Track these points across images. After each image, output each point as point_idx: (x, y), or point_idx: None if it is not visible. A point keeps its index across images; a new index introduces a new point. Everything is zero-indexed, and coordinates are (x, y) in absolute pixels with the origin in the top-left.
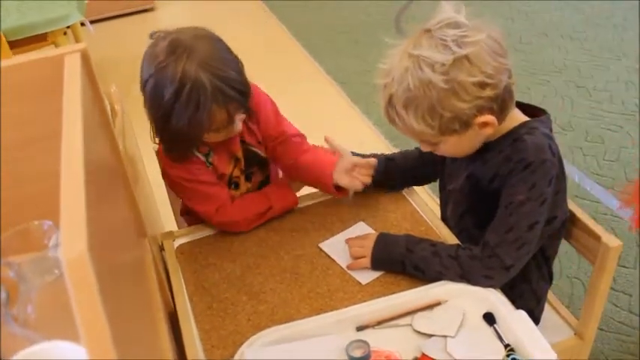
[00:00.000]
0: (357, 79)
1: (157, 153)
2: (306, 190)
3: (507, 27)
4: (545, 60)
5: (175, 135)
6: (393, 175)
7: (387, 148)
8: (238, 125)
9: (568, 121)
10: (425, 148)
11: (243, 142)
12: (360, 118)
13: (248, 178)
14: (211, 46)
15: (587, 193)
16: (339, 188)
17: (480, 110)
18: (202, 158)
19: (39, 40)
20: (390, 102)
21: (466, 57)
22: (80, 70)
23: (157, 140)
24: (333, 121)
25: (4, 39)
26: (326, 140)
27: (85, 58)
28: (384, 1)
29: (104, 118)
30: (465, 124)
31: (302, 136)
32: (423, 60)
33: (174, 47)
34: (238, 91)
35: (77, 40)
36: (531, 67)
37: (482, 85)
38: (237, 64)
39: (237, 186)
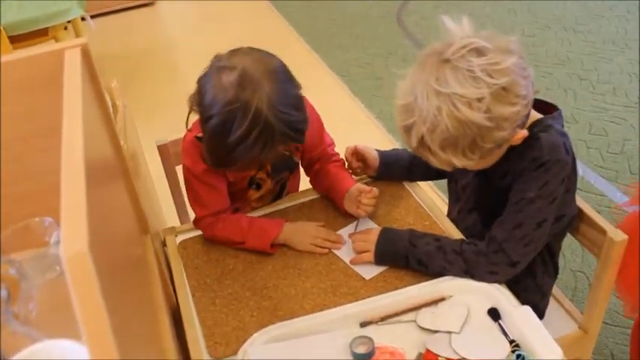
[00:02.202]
0: (359, 73)
1: (184, 138)
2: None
3: (510, 20)
4: (548, 52)
5: (232, 162)
6: (417, 170)
7: (389, 141)
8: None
9: (571, 114)
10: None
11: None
12: (362, 111)
13: (278, 182)
14: (279, 83)
15: (591, 186)
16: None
17: (515, 129)
18: None
19: (40, 35)
20: (422, 143)
21: (502, 88)
22: (80, 65)
23: (188, 127)
24: (334, 115)
25: (4, 34)
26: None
27: (86, 53)
28: None
29: (105, 114)
30: (501, 145)
31: (334, 144)
32: (457, 98)
33: (245, 84)
34: (301, 132)
35: (78, 34)
36: (534, 60)
37: (519, 109)
38: (300, 101)
39: (259, 186)
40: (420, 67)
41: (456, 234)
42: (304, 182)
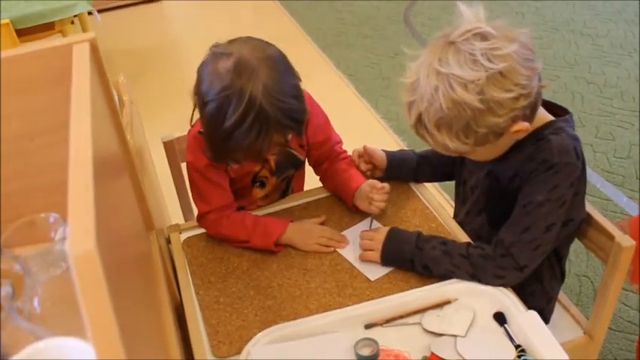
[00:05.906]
0: (366, 73)
1: (188, 133)
2: (315, 183)
3: (517, 22)
4: (555, 55)
5: (231, 151)
6: (424, 172)
7: (395, 142)
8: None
9: (578, 118)
10: (452, 154)
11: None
12: (369, 112)
13: (282, 180)
14: (276, 71)
15: (597, 190)
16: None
17: (514, 119)
18: None
19: (47, 28)
20: (419, 121)
21: (499, 72)
22: (89, 60)
23: (192, 122)
24: (341, 115)
25: (11, 27)
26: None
27: (94, 48)
28: None
29: (112, 109)
30: (499, 134)
31: (342, 142)
32: (454, 79)
33: (240, 70)
34: (298, 121)
35: (84, 29)
36: (541, 63)
37: (517, 98)
38: (298, 90)
39: (262, 185)
40: (429, 49)
41: (462, 236)
42: (309, 181)
